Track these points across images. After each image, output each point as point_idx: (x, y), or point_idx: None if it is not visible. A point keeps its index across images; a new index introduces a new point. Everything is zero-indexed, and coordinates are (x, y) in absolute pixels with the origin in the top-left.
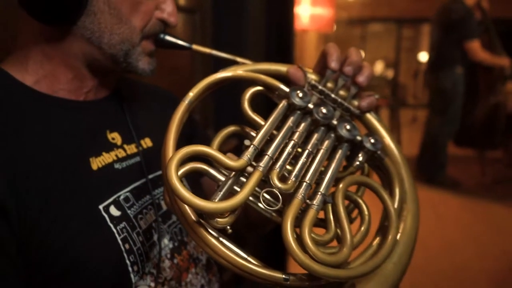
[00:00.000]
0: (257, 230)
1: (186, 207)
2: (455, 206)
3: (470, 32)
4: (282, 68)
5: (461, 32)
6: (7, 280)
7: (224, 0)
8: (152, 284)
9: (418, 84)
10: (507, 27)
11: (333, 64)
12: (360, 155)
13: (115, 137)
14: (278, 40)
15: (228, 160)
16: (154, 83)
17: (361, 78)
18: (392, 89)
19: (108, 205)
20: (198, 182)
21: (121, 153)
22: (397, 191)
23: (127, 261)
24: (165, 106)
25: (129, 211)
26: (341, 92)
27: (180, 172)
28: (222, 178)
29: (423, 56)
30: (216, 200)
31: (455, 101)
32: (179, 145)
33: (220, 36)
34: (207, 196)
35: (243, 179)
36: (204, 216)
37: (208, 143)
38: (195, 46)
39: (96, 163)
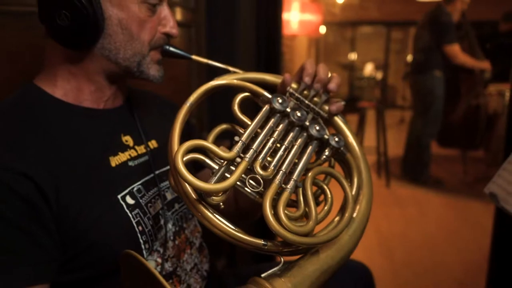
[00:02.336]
0: (247, 217)
1: (189, 188)
2: (438, 203)
3: (448, 36)
4: (266, 77)
5: (441, 37)
6: (49, 252)
7: (216, 15)
8: (159, 260)
9: (406, 85)
10: (484, 29)
11: (307, 79)
12: (326, 150)
13: (128, 139)
14: (267, 48)
15: (222, 152)
16: (156, 89)
17: (332, 85)
18: (381, 90)
19: (125, 195)
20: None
21: (133, 153)
22: (355, 180)
23: (140, 240)
24: (167, 112)
25: (141, 200)
26: (315, 99)
27: (184, 159)
28: (216, 167)
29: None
30: (212, 183)
31: (435, 103)
32: (181, 140)
33: (213, 47)
34: None
35: (233, 168)
36: (203, 195)
37: None
38: (194, 56)
39: (114, 161)
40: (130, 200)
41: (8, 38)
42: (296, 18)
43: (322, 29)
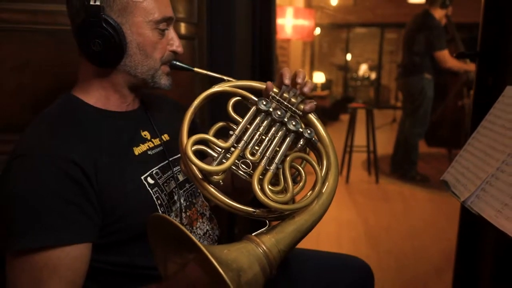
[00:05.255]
0: (243, 196)
1: (196, 170)
2: (423, 198)
3: (439, 43)
4: (254, 84)
5: (431, 43)
6: (92, 219)
7: (216, 28)
8: None
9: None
10: (473, 32)
11: (286, 81)
12: (301, 140)
13: (146, 134)
14: (262, 54)
15: (220, 143)
16: (165, 93)
17: (305, 89)
18: (375, 90)
19: (146, 176)
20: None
21: (150, 144)
22: (324, 163)
23: (159, 211)
24: (175, 111)
25: (158, 181)
26: (292, 100)
27: (192, 149)
28: (216, 154)
29: None
30: (213, 165)
31: (424, 105)
32: (189, 134)
33: (214, 55)
34: None
35: (228, 155)
36: (206, 175)
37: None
38: (196, 69)
39: (137, 151)
40: (150, 180)
41: (42, 53)
42: (290, 23)
43: (317, 31)
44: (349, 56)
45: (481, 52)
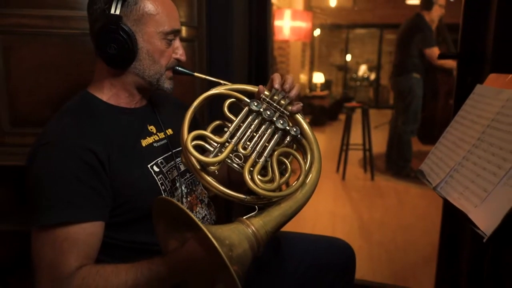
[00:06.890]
0: (237, 188)
1: (194, 161)
2: (416, 194)
3: (428, 41)
4: (247, 87)
5: (421, 42)
6: (105, 201)
7: (215, 31)
8: None
9: None
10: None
11: (276, 85)
12: (288, 137)
13: (152, 128)
14: (258, 56)
15: (216, 138)
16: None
17: (292, 93)
18: (374, 90)
19: (152, 165)
20: None
21: (156, 138)
22: (308, 157)
23: (163, 195)
24: (177, 109)
25: (163, 169)
26: (281, 102)
27: (191, 144)
28: (212, 148)
29: None
30: (210, 157)
31: (414, 103)
32: (189, 130)
33: (213, 57)
34: None
35: (223, 149)
36: (204, 166)
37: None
38: (196, 74)
39: (144, 142)
40: (156, 168)
41: (58, 55)
42: (287, 25)
43: (317, 32)
44: (348, 57)
45: (461, 53)
